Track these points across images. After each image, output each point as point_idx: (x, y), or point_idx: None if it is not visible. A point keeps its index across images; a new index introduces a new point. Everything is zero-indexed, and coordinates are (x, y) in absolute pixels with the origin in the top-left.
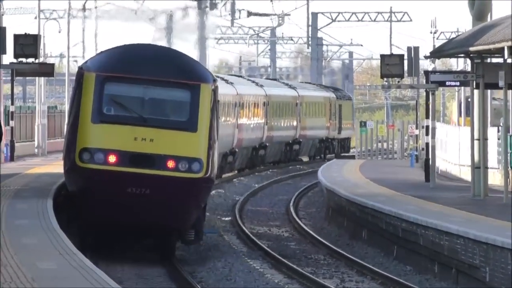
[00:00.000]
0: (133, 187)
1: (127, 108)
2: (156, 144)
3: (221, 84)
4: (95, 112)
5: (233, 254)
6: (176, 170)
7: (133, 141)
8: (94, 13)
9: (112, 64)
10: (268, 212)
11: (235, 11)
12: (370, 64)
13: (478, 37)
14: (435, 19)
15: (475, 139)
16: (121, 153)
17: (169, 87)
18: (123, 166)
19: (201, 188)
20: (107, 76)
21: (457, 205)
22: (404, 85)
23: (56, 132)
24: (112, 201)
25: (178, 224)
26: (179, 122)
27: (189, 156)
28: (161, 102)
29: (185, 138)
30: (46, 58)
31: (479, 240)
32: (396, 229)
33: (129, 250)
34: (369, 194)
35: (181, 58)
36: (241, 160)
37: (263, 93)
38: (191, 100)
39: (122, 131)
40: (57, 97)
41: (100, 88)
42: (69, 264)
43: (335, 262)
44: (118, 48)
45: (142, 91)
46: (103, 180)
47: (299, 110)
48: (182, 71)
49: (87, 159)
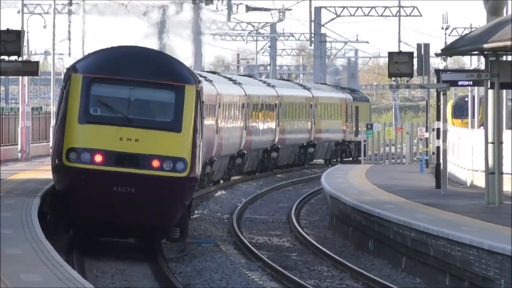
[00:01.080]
0: (119, 186)
1: (113, 109)
2: (141, 144)
3: (229, 84)
4: (82, 113)
5: (230, 265)
6: (161, 169)
7: (119, 141)
8: (81, 8)
9: (99, 66)
10: (268, 221)
11: (232, 6)
12: (376, 63)
13: (492, 33)
14: (447, 14)
15: (489, 143)
16: (107, 153)
17: (154, 88)
18: (109, 165)
19: (186, 187)
20: (93, 77)
21: (470, 213)
22: (414, 85)
23: (41, 135)
24: (98, 200)
25: (163, 222)
26: (163, 122)
27: (173, 155)
28: (146, 103)
29: (169, 138)
30: (30, 56)
31: (494, 250)
32: (404, 239)
33: (115, 249)
34: (375, 201)
35: (166, 60)
36: (251, 163)
37: (274, 94)
38: (176, 101)
39: (108, 131)
40: (42, 98)
41: (87, 89)
42: (55, 276)
43: (340, 274)
44: (105, 50)
45: (128, 92)
46: (89, 179)
47: (314, 112)
48: (167, 72)
49: (73, 159)
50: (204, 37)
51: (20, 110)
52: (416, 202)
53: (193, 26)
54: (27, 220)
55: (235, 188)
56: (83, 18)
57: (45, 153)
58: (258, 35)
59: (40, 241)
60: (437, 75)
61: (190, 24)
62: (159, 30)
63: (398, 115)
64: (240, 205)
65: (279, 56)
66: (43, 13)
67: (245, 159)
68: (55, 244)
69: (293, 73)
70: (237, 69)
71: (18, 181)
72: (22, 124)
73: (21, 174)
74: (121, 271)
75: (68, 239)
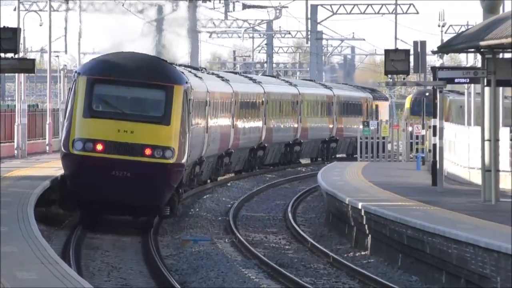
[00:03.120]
0: (117, 170)
1: (112, 105)
2: (136, 135)
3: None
4: (86, 109)
5: (226, 263)
6: (152, 156)
7: (117, 133)
8: (77, 5)
9: (100, 69)
10: (264, 218)
11: (229, 3)
12: (373, 60)
13: (489, 31)
14: (443, 12)
15: (485, 140)
16: (106, 142)
17: (147, 88)
18: (108, 153)
19: (173, 172)
20: (96, 78)
21: (467, 211)
22: (410, 83)
23: (37, 133)
24: (99, 182)
25: (154, 201)
26: (155, 117)
27: (163, 145)
28: (140, 100)
29: (160, 130)
30: (26, 53)
31: (490, 248)
32: (401, 237)
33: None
34: (372, 199)
35: (158, 64)
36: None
37: (296, 92)
38: (166, 98)
39: (108, 124)
40: (38, 95)
41: (91, 89)
42: (52, 273)
43: (336, 271)
44: (106, 55)
45: (125, 91)
46: (92, 165)
47: (335, 110)
48: (158, 74)
49: (79, 148)
50: (200, 34)
51: (16, 108)
52: (412, 200)
53: (189, 24)
54: (23, 217)
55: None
56: (79, 16)
57: (41, 150)
58: (254, 33)
59: (36, 238)
60: (434, 73)
61: (186, 22)
62: (156, 29)
63: (394, 112)
64: (237, 203)
65: (275, 54)
66: (39, 11)
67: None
68: (51, 241)
69: (289, 70)
70: (233, 67)
71: (14, 178)
72: (18, 121)
73: (17, 172)
74: (117, 268)
75: (66, 236)
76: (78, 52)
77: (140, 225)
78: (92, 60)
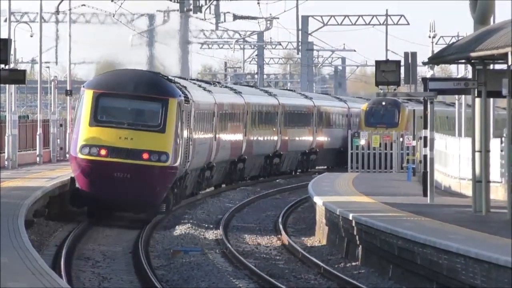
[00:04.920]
0: (118, 172)
1: (115, 116)
2: (135, 142)
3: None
4: (92, 118)
5: (217, 273)
6: (149, 160)
7: (118, 139)
8: (67, 16)
9: (105, 84)
10: (255, 229)
11: (220, 14)
12: (364, 71)
13: (480, 42)
14: (434, 23)
15: (476, 151)
16: (109, 148)
17: (145, 101)
18: (111, 157)
19: (168, 173)
20: (100, 92)
21: (457, 222)
22: (401, 93)
23: (28, 144)
24: (103, 182)
25: (151, 200)
26: (152, 125)
27: (159, 150)
28: (139, 111)
29: (156, 137)
30: (17, 64)
31: (481, 259)
32: (391, 247)
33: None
34: (363, 209)
35: (156, 79)
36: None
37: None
38: (162, 110)
39: (111, 132)
40: (29, 106)
41: (96, 101)
42: (42, 284)
43: (327, 282)
44: (110, 72)
45: (126, 103)
46: (96, 167)
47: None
48: (155, 89)
49: (85, 152)
50: (191, 46)
51: (7, 118)
52: (403, 211)
53: (180, 35)
54: (14, 228)
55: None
56: (69, 28)
57: (32, 161)
58: (245, 44)
59: (27, 249)
60: (424, 84)
61: (177, 33)
62: (147, 40)
63: None
64: (227, 214)
65: (266, 65)
66: (30, 22)
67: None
68: (41, 252)
69: (280, 81)
70: (224, 78)
71: (5, 189)
72: (8, 132)
73: (7, 182)
74: (108, 279)
75: (56, 246)
76: (68, 63)
77: (140, 220)
78: (98, 76)
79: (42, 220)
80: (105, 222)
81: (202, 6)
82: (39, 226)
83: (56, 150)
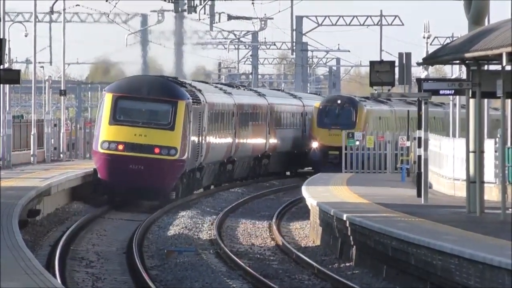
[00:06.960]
0: (133, 164)
1: (131, 116)
2: (148, 138)
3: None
4: (111, 118)
5: (211, 274)
6: (160, 154)
7: (134, 136)
8: (62, 16)
9: (123, 88)
10: (250, 229)
11: (215, 14)
12: (358, 72)
13: (474, 43)
14: (428, 23)
15: (470, 152)
16: (126, 143)
17: (157, 103)
18: (127, 151)
19: (176, 166)
20: (119, 95)
21: (451, 222)
22: (395, 94)
23: (22, 143)
24: (120, 173)
25: (162, 188)
26: (163, 124)
27: (169, 145)
28: (152, 112)
29: (166, 134)
30: (12, 64)
31: (475, 259)
32: (386, 248)
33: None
34: (357, 210)
35: (167, 84)
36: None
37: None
38: (172, 111)
39: (127, 130)
40: (23, 106)
41: (115, 103)
42: (36, 284)
43: (321, 283)
44: (128, 77)
45: (140, 105)
46: (115, 160)
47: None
48: (166, 92)
49: (105, 147)
50: (186, 46)
51: (1, 118)
52: (397, 211)
53: (175, 36)
54: (8, 228)
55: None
56: (63, 27)
57: (26, 161)
58: (239, 44)
59: (21, 248)
60: (419, 84)
61: (172, 34)
62: (141, 41)
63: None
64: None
65: (260, 65)
66: (25, 21)
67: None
68: (35, 252)
69: (274, 81)
70: (218, 78)
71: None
72: (3, 132)
73: (2, 182)
74: (101, 279)
75: (50, 246)
76: (63, 63)
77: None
78: (117, 81)
79: (36, 220)
80: (102, 221)
81: (197, 6)
82: (33, 226)
83: (50, 150)
